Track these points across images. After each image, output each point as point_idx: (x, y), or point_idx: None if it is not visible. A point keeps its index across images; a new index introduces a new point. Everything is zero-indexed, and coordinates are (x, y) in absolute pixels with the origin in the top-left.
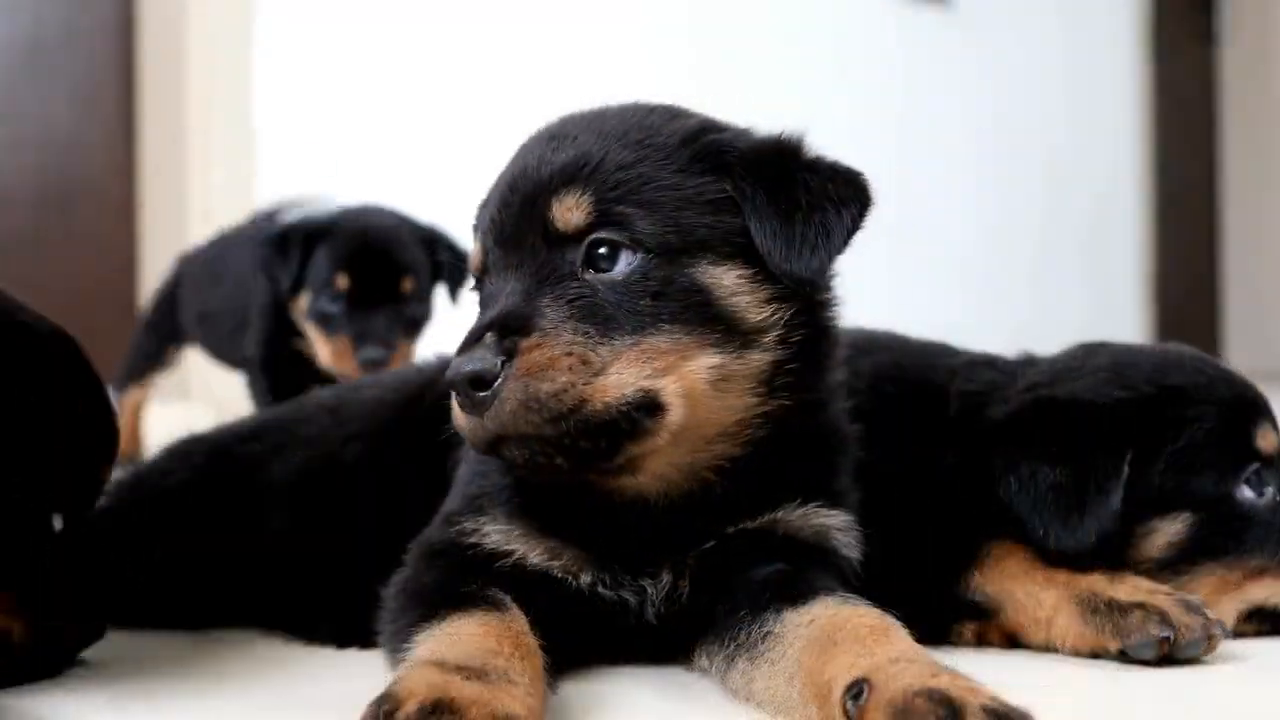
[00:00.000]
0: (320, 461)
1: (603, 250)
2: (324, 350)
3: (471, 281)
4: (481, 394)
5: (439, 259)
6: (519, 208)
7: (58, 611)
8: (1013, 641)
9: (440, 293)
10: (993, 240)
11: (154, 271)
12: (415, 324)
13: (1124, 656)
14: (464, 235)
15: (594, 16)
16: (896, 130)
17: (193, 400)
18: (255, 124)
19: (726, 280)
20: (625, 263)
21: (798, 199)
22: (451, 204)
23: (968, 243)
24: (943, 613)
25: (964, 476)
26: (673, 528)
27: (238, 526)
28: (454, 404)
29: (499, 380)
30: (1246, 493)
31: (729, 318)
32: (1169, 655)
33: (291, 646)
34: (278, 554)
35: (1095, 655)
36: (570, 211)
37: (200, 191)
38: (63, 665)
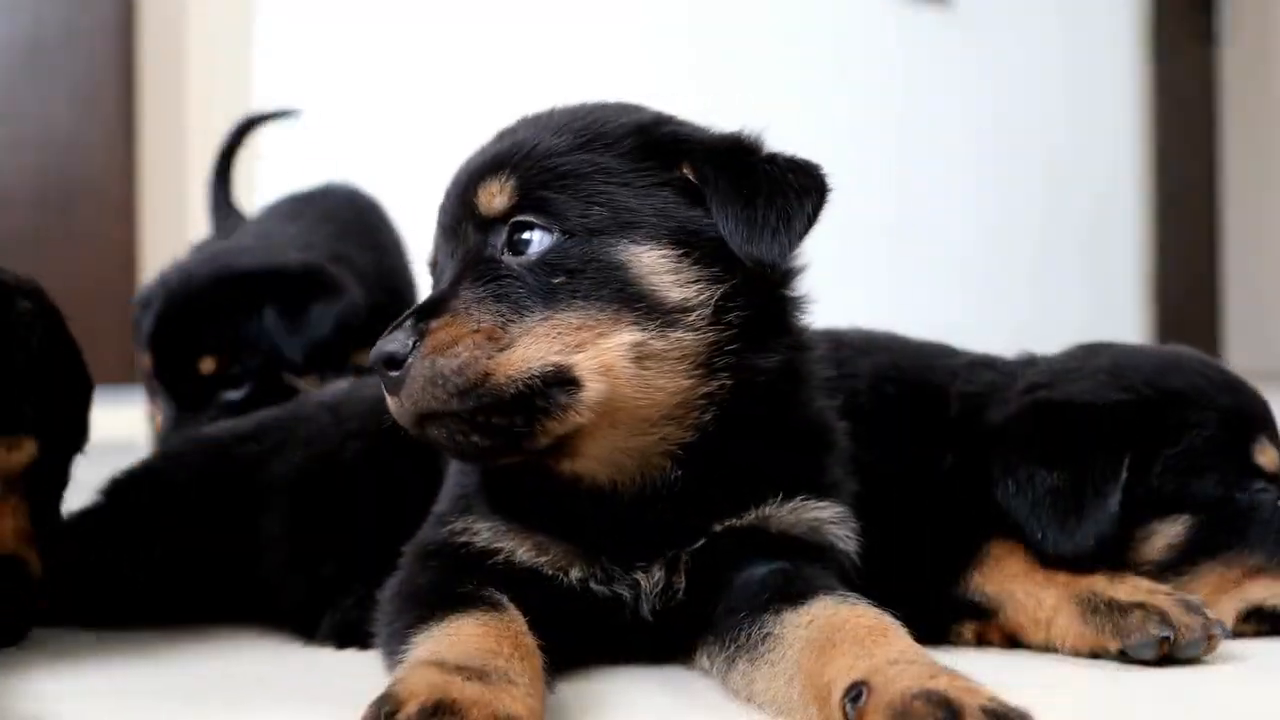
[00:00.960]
0: (320, 461)
1: (523, 234)
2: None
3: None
4: (394, 373)
5: (263, 316)
6: (455, 198)
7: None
8: (1013, 641)
9: None
10: (993, 240)
11: (154, 271)
12: (238, 406)
13: (1124, 656)
14: None
15: (594, 16)
16: (896, 130)
17: None
18: None
19: (646, 259)
20: (542, 243)
21: (759, 186)
22: None
23: (968, 243)
24: (943, 612)
25: (964, 477)
26: (653, 521)
27: (237, 526)
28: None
29: (410, 358)
30: (1244, 497)
31: (648, 296)
32: (1169, 655)
33: (291, 645)
34: (277, 553)
35: (1095, 655)
36: (494, 196)
37: (200, 191)
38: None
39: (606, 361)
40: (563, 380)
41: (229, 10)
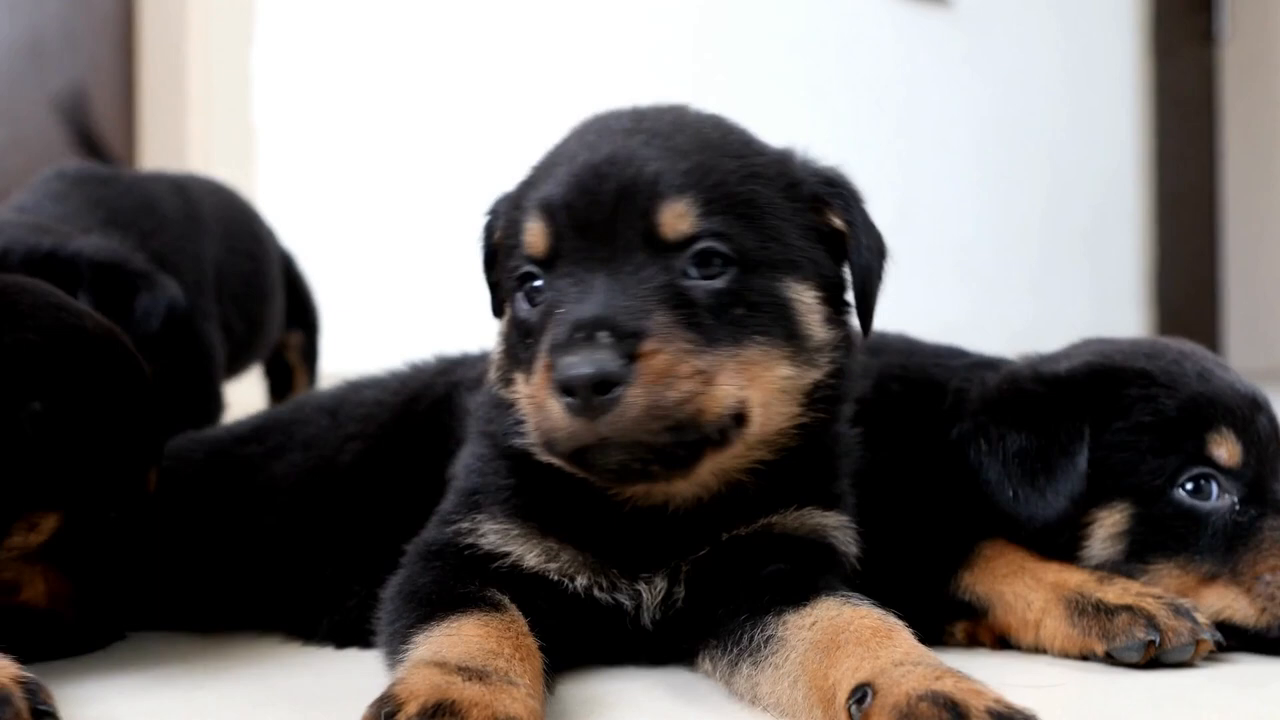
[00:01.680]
0: (319, 463)
1: (706, 261)
2: None
3: (522, 263)
4: (602, 398)
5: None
6: (613, 201)
7: (102, 603)
8: (1004, 642)
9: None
10: (993, 240)
11: None
12: None
13: (1111, 659)
14: (478, 228)
15: (596, 17)
16: (897, 131)
17: None
18: (255, 124)
19: (806, 298)
20: (724, 273)
21: (876, 246)
22: (451, 204)
23: (968, 243)
24: (935, 612)
25: (956, 476)
26: (676, 531)
27: (238, 526)
28: (550, 403)
29: (622, 385)
30: (1184, 494)
31: (802, 334)
32: (1156, 659)
33: (291, 645)
34: (277, 554)
35: (1084, 657)
36: (680, 218)
37: None
38: (106, 643)
39: (766, 396)
40: (740, 415)
41: (229, 10)
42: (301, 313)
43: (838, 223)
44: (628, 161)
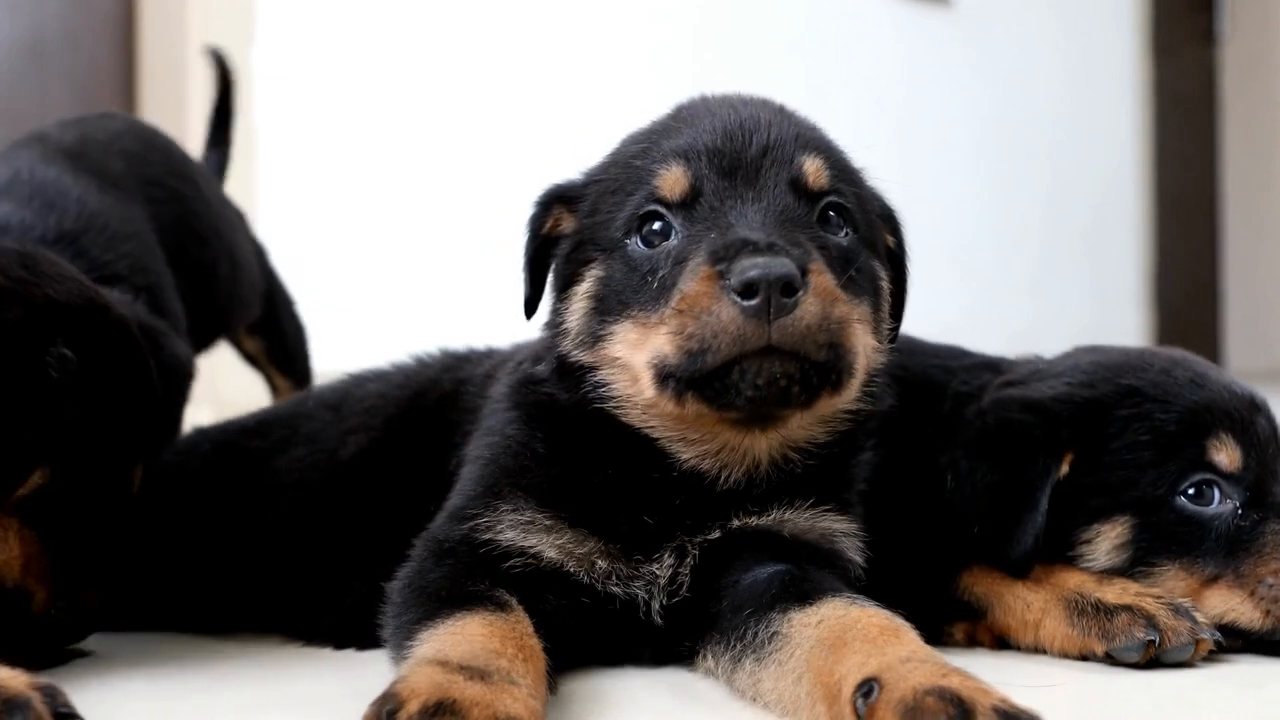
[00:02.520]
0: (321, 458)
1: (832, 214)
2: None
3: (643, 205)
4: (785, 300)
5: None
6: (761, 149)
7: (81, 586)
8: (1002, 642)
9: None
10: (993, 240)
11: None
12: None
13: (1110, 659)
14: (479, 228)
15: (594, 14)
16: (897, 131)
17: (199, 402)
18: (255, 124)
19: (886, 284)
20: (846, 233)
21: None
22: (451, 202)
23: (968, 243)
24: (934, 613)
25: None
26: (705, 507)
27: (240, 522)
28: (721, 305)
29: (802, 291)
30: (1187, 502)
31: (881, 314)
32: (1156, 659)
33: (291, 645)
34: (278, 551)
35: (1083, 657)
36: (820, 172)
37: None
38: (74, 640)
39: (865, 360)
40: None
41: (229, 10)
42: (273, 308)
43: (890, 240)
44: (769, 122)
